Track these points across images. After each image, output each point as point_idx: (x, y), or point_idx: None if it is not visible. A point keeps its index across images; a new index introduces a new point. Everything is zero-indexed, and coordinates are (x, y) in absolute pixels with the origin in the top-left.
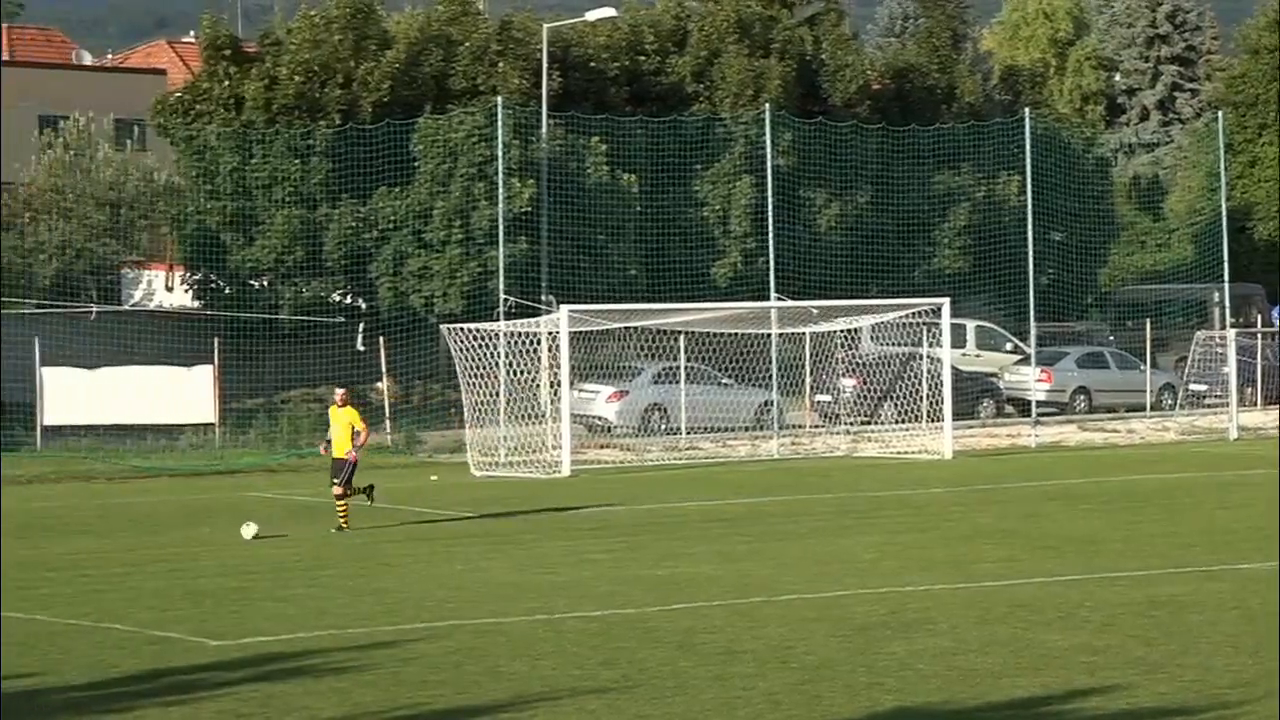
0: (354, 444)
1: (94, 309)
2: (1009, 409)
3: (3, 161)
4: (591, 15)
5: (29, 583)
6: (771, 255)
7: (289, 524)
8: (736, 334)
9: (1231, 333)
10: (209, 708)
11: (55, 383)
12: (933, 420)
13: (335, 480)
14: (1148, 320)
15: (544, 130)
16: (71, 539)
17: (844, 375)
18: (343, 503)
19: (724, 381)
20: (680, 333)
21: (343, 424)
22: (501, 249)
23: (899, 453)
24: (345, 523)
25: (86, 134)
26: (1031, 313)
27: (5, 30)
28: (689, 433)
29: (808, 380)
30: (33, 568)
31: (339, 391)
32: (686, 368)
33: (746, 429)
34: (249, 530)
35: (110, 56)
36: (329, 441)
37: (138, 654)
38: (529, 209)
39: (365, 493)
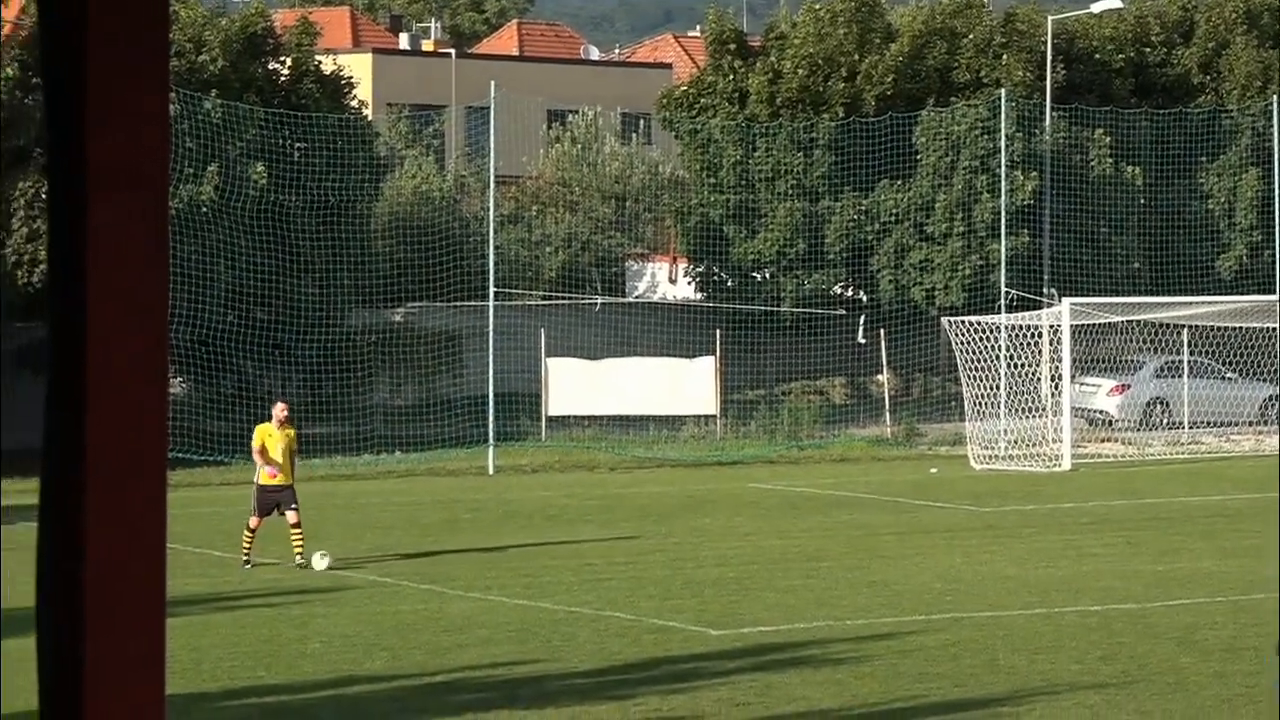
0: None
1: (599, 300)
2: None
3: (494, 155)
4: (1097, 7)
5: (533, 571)
6: (1278, 248)
7: (788, 516)
8: (1241, 328)
9: None
10: (708, 696)
11: (560, 373)
12: None
13: (293, 508)
14: None
15: (1047, 123)
16: (575, 528)
17: None
18: (299, 530)
19: (1228, 375)
20: (1183, 326)
21: (285, 445)
22: (1004, 242)
23: None
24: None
25: (593, 128)
26: None
27: (516, 25)
28: (1191, 427)
29: None
30: (537, 556)
31: (283, 407)
32: (1189, 361)
33: (1250, 424)
34: (321, 562)
35: (618, 51)
36: (267, 463)
37: (638, 642)
38: (1031, 202)
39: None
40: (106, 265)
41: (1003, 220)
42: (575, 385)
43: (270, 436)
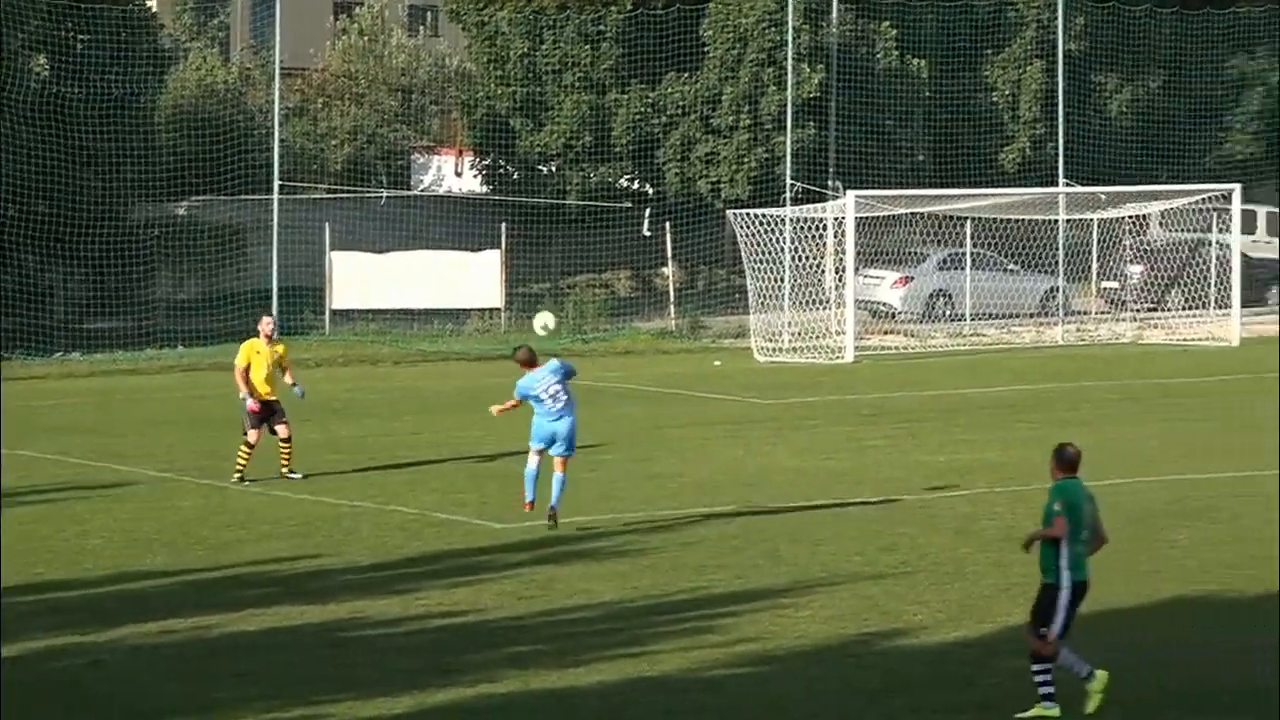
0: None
1: (384, 194)
2: None
3: (279, 46)
4: None
5: (316, 465)
6: (1060, 141)
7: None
8: (1023, 220)
9: None
10: (491, 589)
11: (344, 267)
12: (1221, 307)
13: (284, 422)
14: None
15: (834, 15)
16: (358, 422)
17: (1131, 261)
18: (289, 445)
19: (1010, 268)
20: (967, 218)
21: (273, 362)
22: (789, 134)
23: (1185, 340)
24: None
25: (380, 20)
26: None
27: None
28: (973, 319)
29: (1094, 266)
30: (319, 450)
31: (269, 322)
32: (972, 253)
33: (1031, 315)
34: (541, 321)
35: None
36: (251, 393)
37: (421, 536)
38: (817, 94)
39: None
40: None
41: (789, 113)
42: (360, 279)
43: (258, 354)
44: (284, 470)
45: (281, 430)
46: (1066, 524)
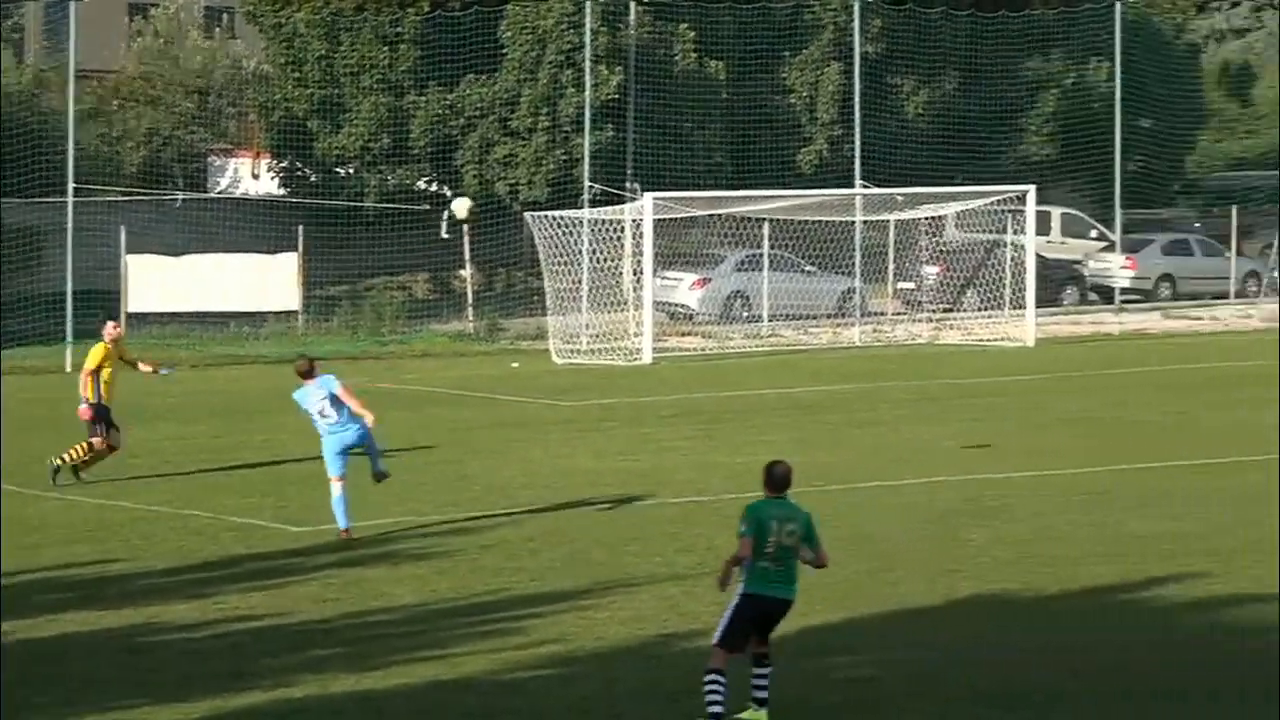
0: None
1: (180, 196)
2: (1093, 296)
3: (74, 50)
4: None
5: (111, 469)
6: (858, 142)
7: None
8: (821, 221)
9: None
10: (290, 593)
11: (140, 270)
12: (1016, 308)
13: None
14: (1234, 207)
15: (632, 17)
16: (154, 426)
17: (927, 262)
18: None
19: (807, 269)
20: (764, 220)
21: (115, 364)
22: (588, 136)
23: (981, 340)
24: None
25: (176, 21)
26: (1117, 200)
27: None
28: (771, 320)
29: (891, 267)
30: (115, 454)
31: (114, 325)
32: (770, 255)
33: (829, 316)
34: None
35: None
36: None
37: (219, 540)
38: (616, 96)
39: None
40: None
41: (587, 115)
42: (156, 282)
43: (109, 359)
44: (59, 460)
45: (114, 438)
46: (751, 543)
